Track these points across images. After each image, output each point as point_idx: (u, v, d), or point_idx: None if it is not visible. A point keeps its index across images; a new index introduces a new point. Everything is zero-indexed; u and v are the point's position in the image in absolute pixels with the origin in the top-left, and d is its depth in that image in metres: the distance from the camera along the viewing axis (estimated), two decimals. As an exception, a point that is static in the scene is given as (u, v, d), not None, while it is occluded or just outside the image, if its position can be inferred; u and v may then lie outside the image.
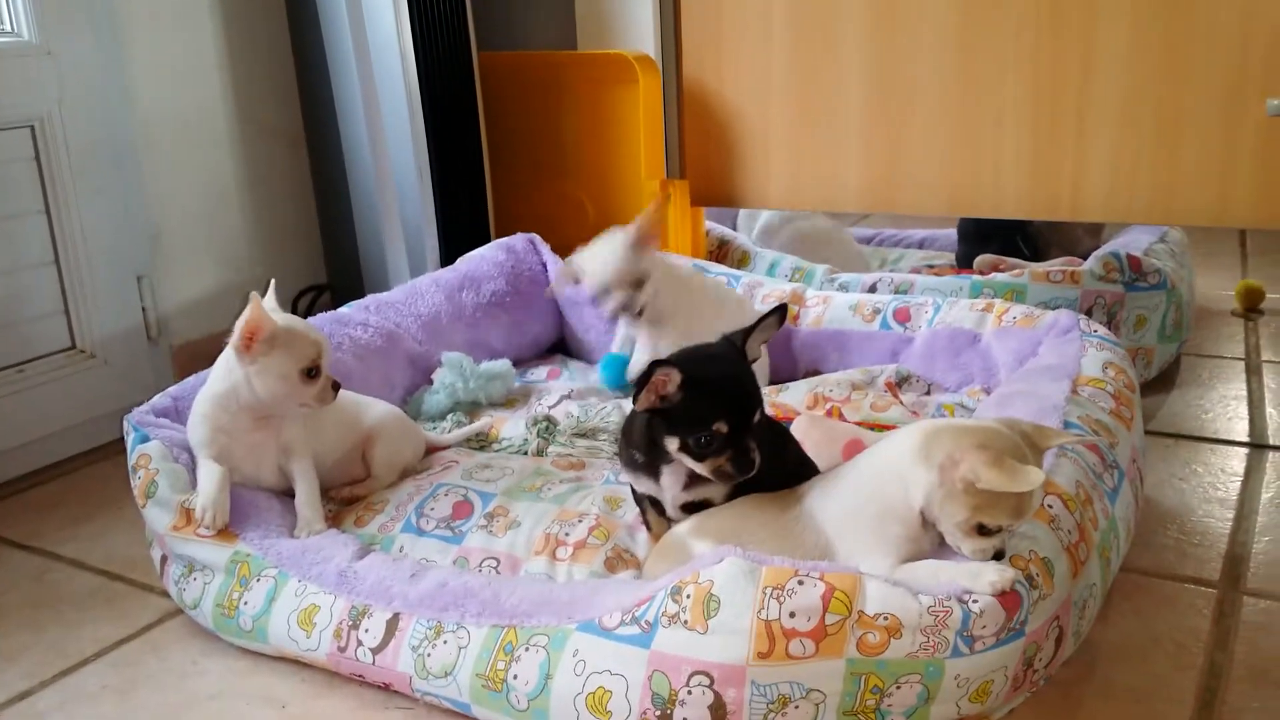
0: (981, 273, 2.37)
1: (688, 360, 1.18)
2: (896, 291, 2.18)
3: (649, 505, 1.36)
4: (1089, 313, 2.05)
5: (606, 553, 1.36)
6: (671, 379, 1.17)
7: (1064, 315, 1.71)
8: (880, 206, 2.13)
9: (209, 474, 1.39)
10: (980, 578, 1.06)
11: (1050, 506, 1.18)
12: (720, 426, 1.18)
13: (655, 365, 1.15)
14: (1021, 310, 1.79)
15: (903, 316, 1.91)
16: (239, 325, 1.37)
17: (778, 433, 1.38)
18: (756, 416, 1.20)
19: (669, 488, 1.29)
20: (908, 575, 1.10)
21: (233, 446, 1.43)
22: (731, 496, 1.27)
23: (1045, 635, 1.12)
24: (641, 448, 1.28)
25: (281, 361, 1.39)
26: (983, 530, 1.08)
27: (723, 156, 2.23)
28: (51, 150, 1.89)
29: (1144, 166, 1.86)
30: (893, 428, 1.58)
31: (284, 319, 1.42)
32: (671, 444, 1.21)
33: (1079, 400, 1.41)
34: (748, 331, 1.24)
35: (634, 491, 1.38)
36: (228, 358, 1.41)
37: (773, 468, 1.24)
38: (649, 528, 1.38)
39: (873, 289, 2.22)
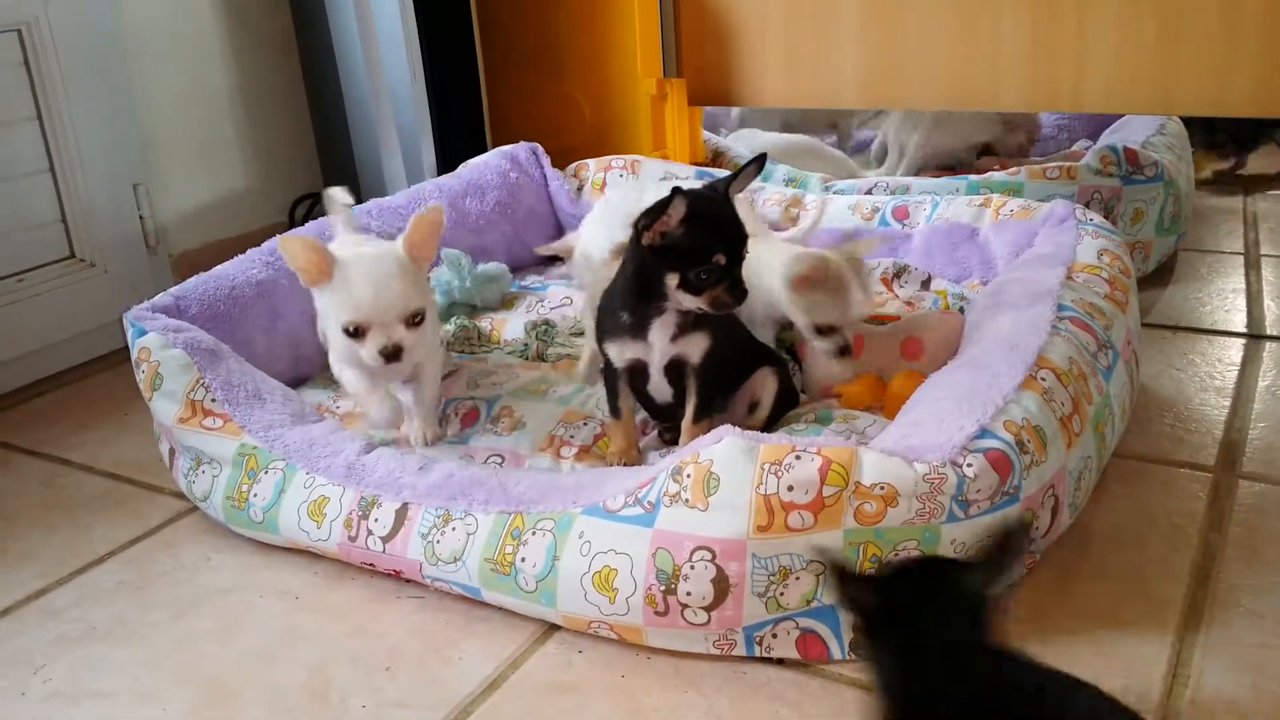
0: (979, 170, 2.36)
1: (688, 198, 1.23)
2: (894, 193, 2.17)
3: (624, 387, 1.38)
4: (1087, 206, 2.04)
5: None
6: (677, 210, 1.21)
7: (1059, 205, 1.71)
8: (879, 101, 2.11)
9: None
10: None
11: (1043, 380, 1.20)
12: (719, 258, 1.23)
13: (675, 192, 1.20)
14: (1018, 203, 1.79)
15: (901, 214, 1.91)
16: None
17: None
18: (745, 250, 1.27)
19: (658, 342, 1.32)
20: None
21: None
22: (709, 352, 1.33)
23: (1041, 503, 1.15)
24: (630, 306, 1.31)
25: None
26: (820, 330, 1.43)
27: (720, 53, 2.20)
28: (40, 55, 1.86)
29: (1145, 56, 1.84)
30: (894, 319, 1.60)
31: None
32: (672, 280, 1.25)
33: (1073, 285, 1.42)
34: (730, 179, 1.30)
35: (608, 375, 1.39)
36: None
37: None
38: (618, 414, 1.39)
39: (869, 193, 2.20)
